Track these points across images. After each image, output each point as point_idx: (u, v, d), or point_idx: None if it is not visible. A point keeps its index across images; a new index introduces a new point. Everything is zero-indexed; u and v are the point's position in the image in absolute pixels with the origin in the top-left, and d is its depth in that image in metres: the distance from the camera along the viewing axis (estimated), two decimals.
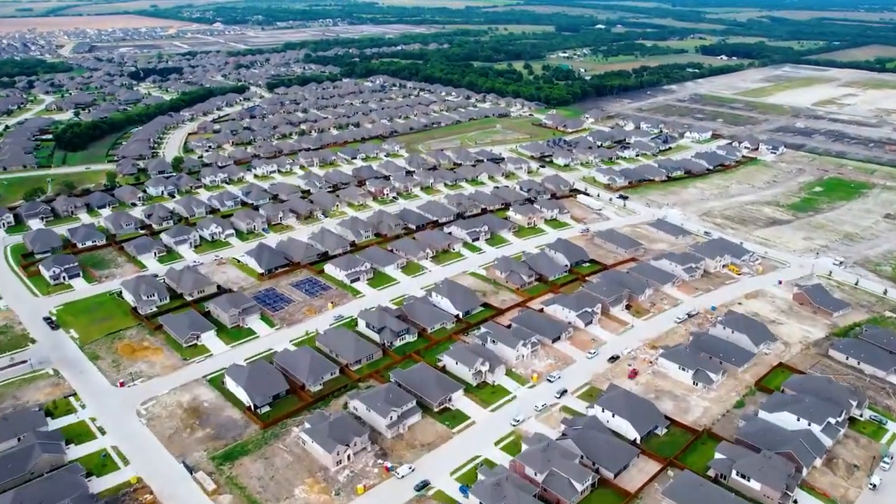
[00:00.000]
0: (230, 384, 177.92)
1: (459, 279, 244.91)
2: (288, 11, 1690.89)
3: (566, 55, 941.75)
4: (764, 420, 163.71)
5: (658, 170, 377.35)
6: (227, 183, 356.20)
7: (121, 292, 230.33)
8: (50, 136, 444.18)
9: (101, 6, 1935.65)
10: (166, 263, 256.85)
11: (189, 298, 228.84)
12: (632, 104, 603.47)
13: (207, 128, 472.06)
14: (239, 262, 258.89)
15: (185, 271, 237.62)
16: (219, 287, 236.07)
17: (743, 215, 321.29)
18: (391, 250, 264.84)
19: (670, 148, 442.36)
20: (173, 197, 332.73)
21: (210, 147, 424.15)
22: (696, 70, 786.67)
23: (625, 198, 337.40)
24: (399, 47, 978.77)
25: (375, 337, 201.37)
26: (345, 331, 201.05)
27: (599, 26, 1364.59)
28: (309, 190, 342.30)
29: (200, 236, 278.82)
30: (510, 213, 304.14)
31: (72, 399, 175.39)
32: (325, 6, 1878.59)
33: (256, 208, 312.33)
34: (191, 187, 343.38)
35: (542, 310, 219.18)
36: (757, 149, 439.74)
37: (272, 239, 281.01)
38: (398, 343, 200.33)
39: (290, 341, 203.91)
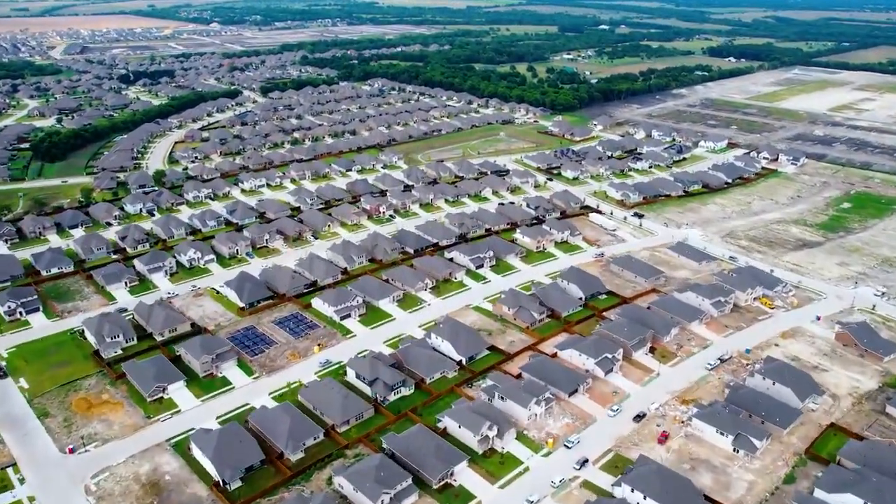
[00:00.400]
0: (196, 452, 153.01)
1: (462, 314, 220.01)
2: (286, 11, 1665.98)
3: (570, 57, 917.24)
4: (823, 502, 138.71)
5: (674, 184, 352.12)
6: (211, 199, 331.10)
7: (83, 331, 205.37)
8: (27, 146, 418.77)
9: (98, 6, 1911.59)
10: (138, 295, 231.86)
11: (159, 338, 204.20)
12: (641, 109, 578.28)
13: (195, 136, 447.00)
14: (218, 293, 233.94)
15: (156, 307, 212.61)
16: (193, 325, 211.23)
17: (769, 236, 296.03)
18: (386, 280, 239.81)
19: (685, 158, 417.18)
20: (152, 215, 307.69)
21: (196, 158, 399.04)
22: (706, 73, 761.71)
23: (640, 216, 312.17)
24: (399, 48, 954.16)
25: (367, 390, 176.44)
26: (332, 383, 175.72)
27: (603, 27, 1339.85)
28: (299, 207, 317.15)
29: (177, 262, 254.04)
30: (517, 235, 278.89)
31: (10, 471, 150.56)
32: (324, 6, 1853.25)
33: (241, 229, 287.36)
34: (172, 204, 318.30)
35: (555, 354, 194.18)
36: (776, 159, 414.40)
37: (256, 265, 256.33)
38: (393, 398, 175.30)
39: (270, 394, 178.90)
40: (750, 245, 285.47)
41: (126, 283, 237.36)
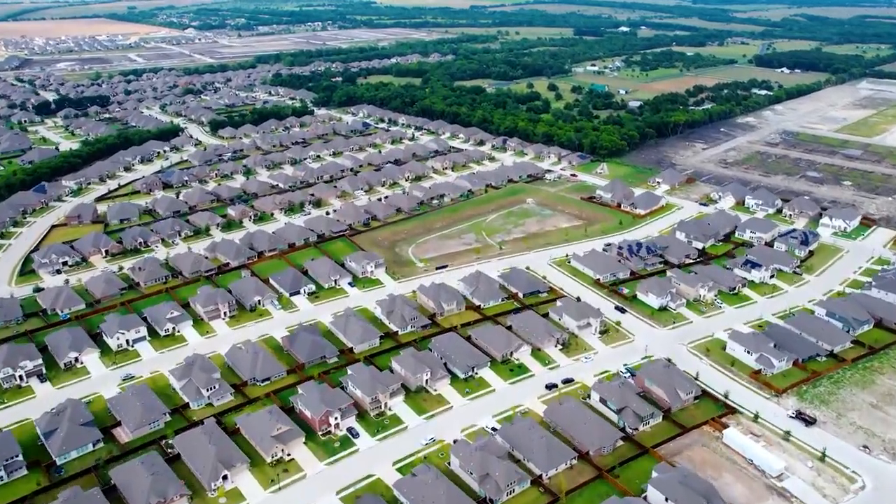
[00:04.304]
0: None
1: None
2: (275, 13, 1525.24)
3: (595, 68, 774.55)
4: None
5: (831, 326, 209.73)
6: (40, 377, 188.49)
7: None
8: None
9: (75, 8, 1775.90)
10: None
11: None
12: (708, 151, 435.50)
13: (84, 216, 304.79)
14: None
15: None
16: None
17: None
18: None
19: (812, 253, 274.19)
20: None
21: (65, 264, 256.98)
22: (769, 92, 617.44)
23: (810, 421, 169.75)
24: (393, 60, 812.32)
25: None
26: None
27: (623, 29, 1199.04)
28: (187, 405, 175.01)
29: None
30: None
31: None
32: (316, 6, 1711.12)
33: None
34: None
35: None
36: None
37: None
38: None
39: None
40: None
41: None
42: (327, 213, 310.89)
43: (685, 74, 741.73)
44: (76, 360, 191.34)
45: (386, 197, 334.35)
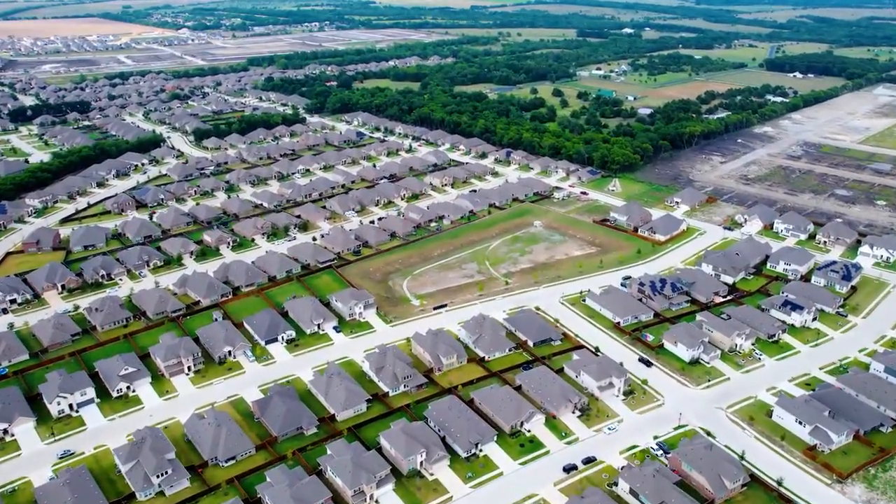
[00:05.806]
0: None
1: None
2: (272, 13, 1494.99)
3: (601, 73, 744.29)
4: None
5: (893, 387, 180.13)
6: None
7: None
8: None
9: (69, 7, 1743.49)
10: None
11: None
12: (727, 165, 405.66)
13: (44, 242, 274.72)
14: None
15: None
16: None
17: None
18: None
19: (854, 288, 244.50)
20: None
21: (13, 302, 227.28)
22: (784, 99, 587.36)
23: None
24: (391, 62, 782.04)
25: None
26: None
27: (627, 30, 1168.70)
28: (133, 494, 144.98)
29: None
30: None
31: None
32: (314, 6, 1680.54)
33: None
34: None
35: None
36: None
37: None
38: None
39: None
40: None
41: None
42: (314, 240, 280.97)
43: (694, 79, 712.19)
44: (5, 432, 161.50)
45: (380, 219, 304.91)
